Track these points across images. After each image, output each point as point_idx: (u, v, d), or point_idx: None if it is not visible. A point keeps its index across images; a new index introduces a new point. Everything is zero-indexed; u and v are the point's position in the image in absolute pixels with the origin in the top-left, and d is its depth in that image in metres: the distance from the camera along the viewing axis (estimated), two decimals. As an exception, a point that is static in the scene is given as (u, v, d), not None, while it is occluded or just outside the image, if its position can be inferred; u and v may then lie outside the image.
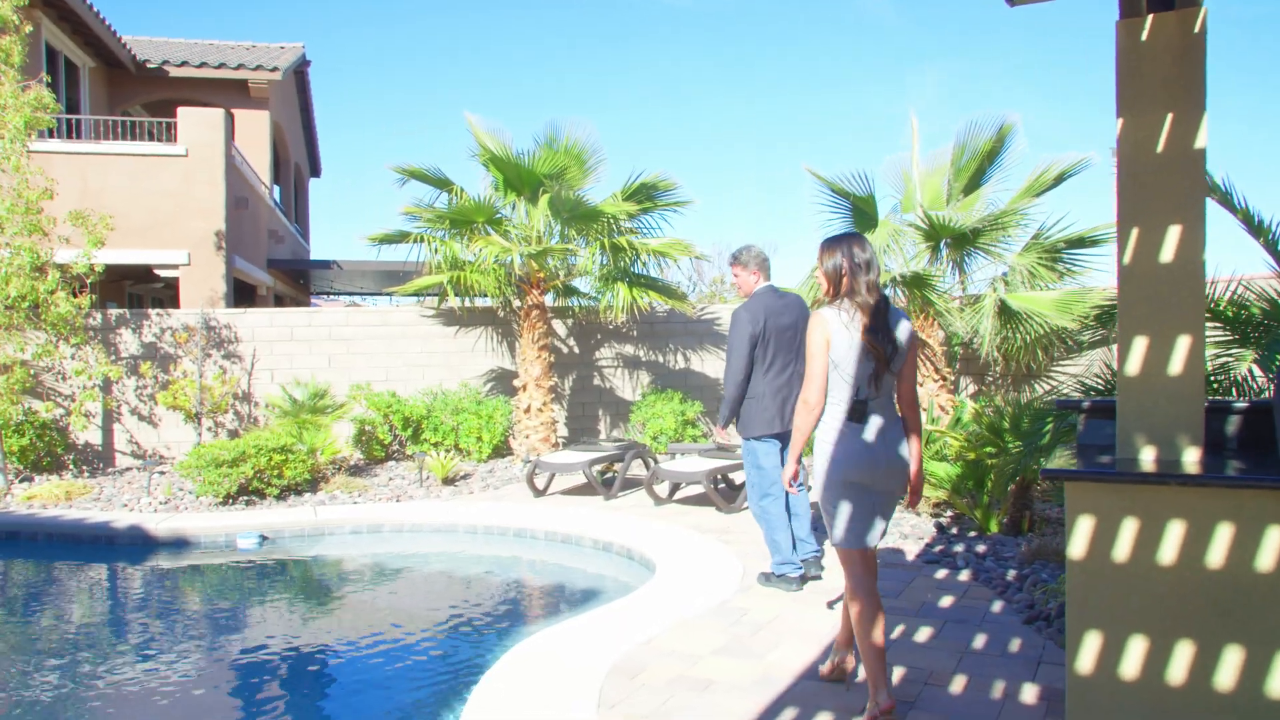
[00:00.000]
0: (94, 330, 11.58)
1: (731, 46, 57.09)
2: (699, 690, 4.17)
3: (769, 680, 4.27)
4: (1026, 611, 5.17)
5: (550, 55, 59.64)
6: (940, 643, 4.74)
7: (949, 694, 4.07)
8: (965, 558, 6.41)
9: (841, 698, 4.03)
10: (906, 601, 5.51)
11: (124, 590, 7.26)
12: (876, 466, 3.79)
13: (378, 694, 4.95)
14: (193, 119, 13.47)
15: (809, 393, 3.83)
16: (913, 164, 9.49)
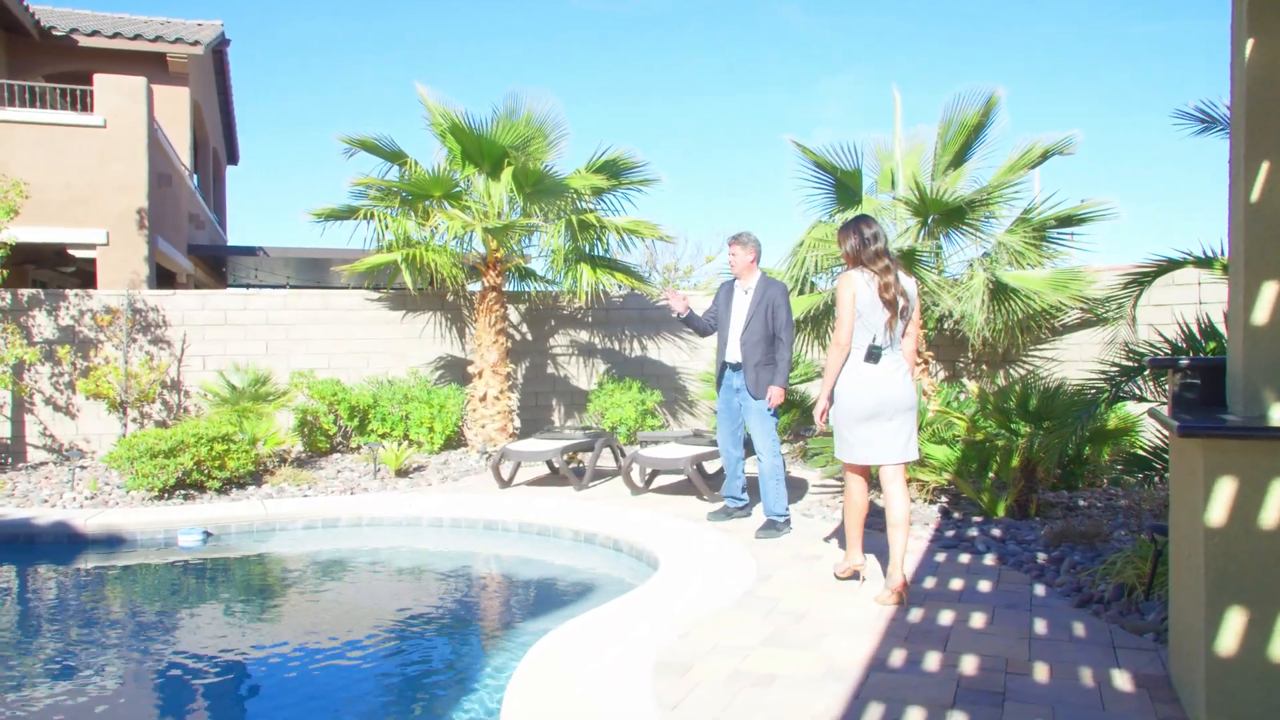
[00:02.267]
0: (3, 312, 10.59)
1: (644, 49, 56.85)
2: (764, 686, 3.72)
3: (836, 673, 3.84)
4: (1075, 595, 4.87)
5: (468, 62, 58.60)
6: (1000, 629, 4.38)
7: (1036, 683, 3.69)
8: (984, 541, 6.08)
9: (927, 690, 3.62)
10: (943, 586, 5.16)
11: (51, 593, 6.47)
12: (885, 399, 4.81)
13: (386, 707, 4.37)
14: (111, 86, 12.51)
15: (840, 336, 4.84)
16: (895, 140, 9.20)
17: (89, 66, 15.78)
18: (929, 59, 52.98)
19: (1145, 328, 8.50)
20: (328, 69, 56.21)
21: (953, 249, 9.35)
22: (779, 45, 54.91)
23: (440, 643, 5.30)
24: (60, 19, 16.54)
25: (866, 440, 4.83)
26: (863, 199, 8.82)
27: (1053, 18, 51.41)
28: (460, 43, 56.89)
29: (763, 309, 6.61)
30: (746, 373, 6.61)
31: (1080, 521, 6.18)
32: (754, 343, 6.59)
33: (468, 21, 56.93)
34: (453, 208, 10.19)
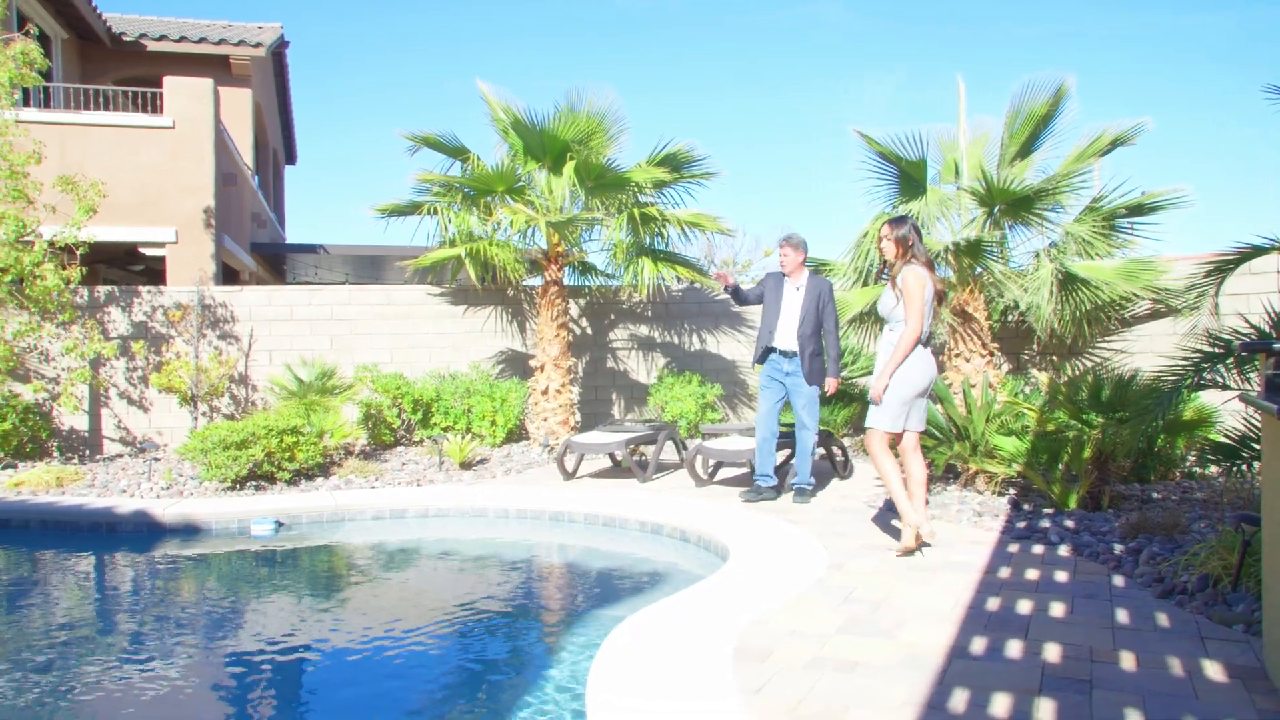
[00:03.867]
0: (80, 308, 10.88)
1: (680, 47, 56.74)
2: (845, 672, 3.71)
3: (917, 661, 3.82)
4: (1156, 586, 4.79)
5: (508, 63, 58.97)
6: (1081, 619, 4.32)
7: (1124, 671, 3.64)
8: (1057, 533, 6.01)
9: (1011, 677, 3.59)
10: (1018, 576, 5.11)
11: (135, 580, 6.64)
12: (932, 377, 5.61)
13: (469, 691, 4.44)
14: (180, 89, 12.78)
15: (915, 323, 5.41)
16: (959, 130, 9.09)
17: (156, 70, 16.14)
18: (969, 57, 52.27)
19: (1223, 317, 8.33)
20: (376, 69, 56.91)
21: (1017, 240, 9.23)
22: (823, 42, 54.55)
23: (516, 630, 5.35)
24: (130, 25, 16.94)
25: (909, 413, 5.54)
26: (927, 189, 8.72)
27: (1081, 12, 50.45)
28: (513, 40, 57.24)
29: (814, 304, 7.36)
30: (802, 361, 7.33)
31: (1157, 513, 6.07)
32: (808, 335, 7.32)
33: (521, 19, 57.27)
34: (515, 202, 10.26)
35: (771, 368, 7.52)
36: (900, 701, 3.40)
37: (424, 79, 57.67)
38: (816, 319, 7.34)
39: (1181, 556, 4.96)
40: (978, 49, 52.19)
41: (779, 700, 3.43)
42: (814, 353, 7.32)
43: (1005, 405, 7.46)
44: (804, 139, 54.71)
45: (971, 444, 7.48)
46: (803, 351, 7.30)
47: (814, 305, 7.34)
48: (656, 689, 3.54)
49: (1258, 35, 47.54)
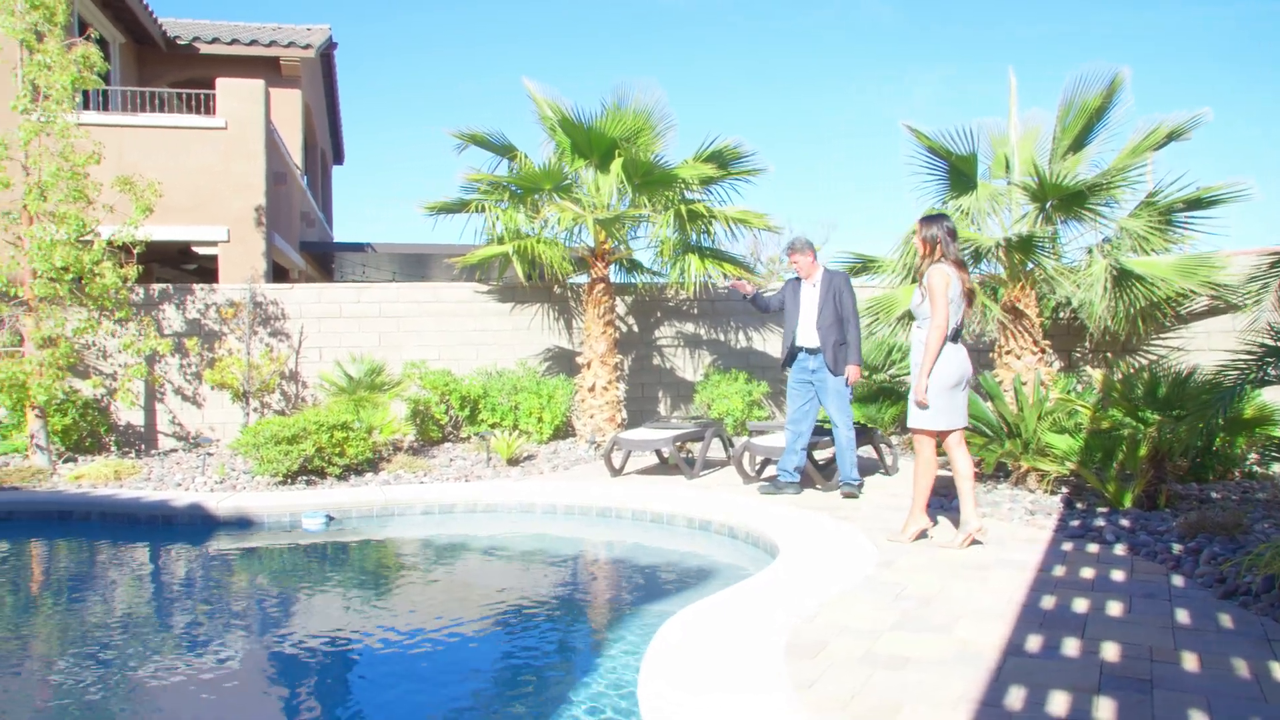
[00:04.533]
0: (136, 306, 11.09)
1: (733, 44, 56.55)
2: (897, 668, 3.68)
3: (970, 657, 3.78)
4: (1217, 586, 4.70)
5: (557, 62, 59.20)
6: (1140, 618, 4.25)
7: (1186, 672, 3.58)
8: (1112, 532, 5.91)
9: (1068, 675, 3.54)
10: (1073, 574, 5.04)
11: (191, 571, 6.75)
12: (967, 372, 5.59)
13: (521, 682, 4.46)
14: (232, 90, 12.97)
15: (941, 320, 5.44)
16: (1010, 125, 8.96)
17: (209, 72, 16.42)
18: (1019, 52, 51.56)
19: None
20: (419, 69, 57.41)
21: (1069, 235, 9.09)
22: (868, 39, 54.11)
23: (565, 624, 5.38)
24: (183, 29, 17.24)
25: (950, 408, 5.54)
26: (977, 184, 8.62)
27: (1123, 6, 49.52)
28: (557, 37, 57.46)
29: (831, 297, 7.45)
30: (825, 353, 7.42)
31: (1217, 513, 5.94)
32: (827, 327, 7.42)
33: (565, 16, 57.47)
34: (563, 200, 10.29)
35: (798, 369, 7.63)
36: (955, 698, 3.37)
37: (468, 78, 58.10)
38: (834, 310, 7.42)
39: (1245, 557, 4.85)
40: (1027, 43, 51.50)
41: (832, 695, 3.41)
42: (837, 342, 7.40)
43: (1057, 403, 7.35)
44: (851, 135, 54.33)
45: (1023, 442, 7.39)
46: (825, 343, 7.42)
47: (830, 296, 7.44)
48: (709, 682, 3.53)
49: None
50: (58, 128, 9.30)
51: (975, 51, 53.42)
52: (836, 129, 54.93)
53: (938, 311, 5.43)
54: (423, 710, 4.06)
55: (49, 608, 5.82)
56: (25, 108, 9.29)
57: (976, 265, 9.18)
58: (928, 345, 5.47)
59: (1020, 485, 7.51)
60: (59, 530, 7.72)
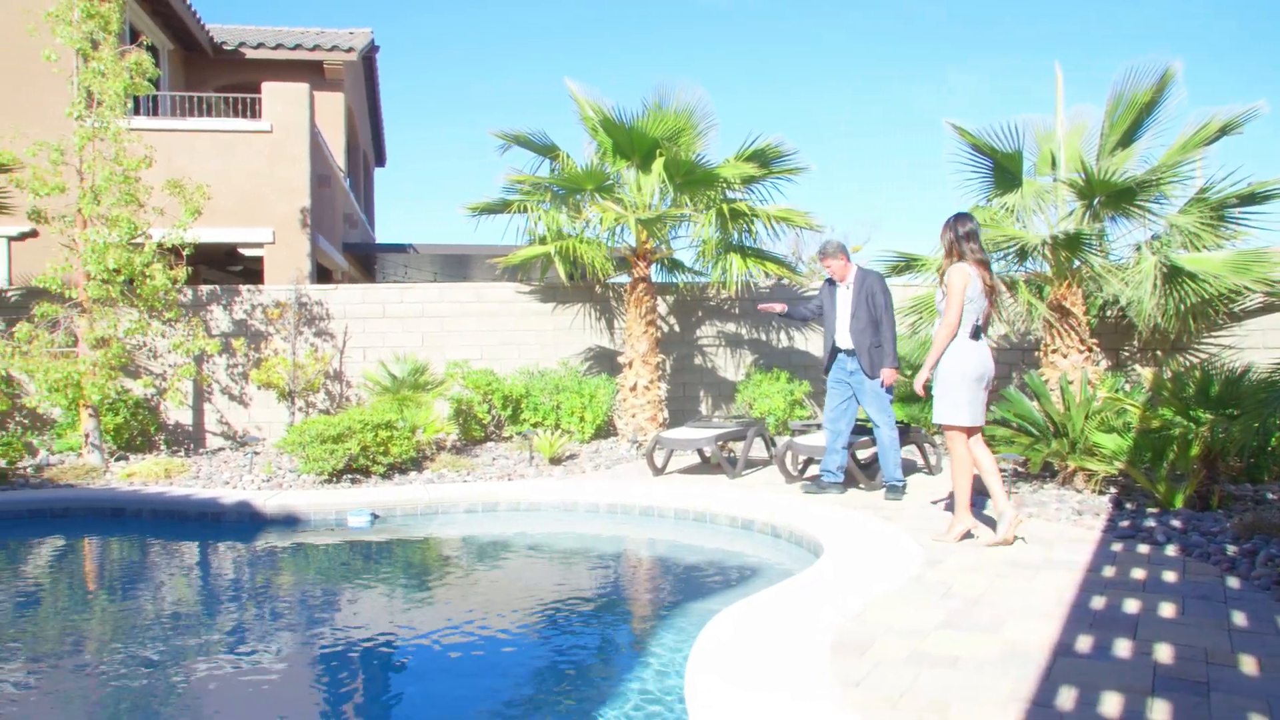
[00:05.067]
0: (185, 307, 11.29)
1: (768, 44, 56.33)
2: (946, 667, 3.65)
3: (1018, 657, 3.74)
4: (1276, 589, 4.62)
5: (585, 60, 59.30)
6: (1194, 620, 4.18)
7: (1245, 675, 3.52)
8: (1163, 532, 5.82)
9: (1121, 676, 3.49)
10: (1124, 575, 4.97)
11: (240, 567, 6.86)
12: (988, 369, 5.67)
13: (566, 679, 4.49)
14: (278, 94, 13.15)
15: (951, 318, 5.57)
16: (1057, 120, 8.85)
17: (255, 77, 16.68)
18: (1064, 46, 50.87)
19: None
20: (458, 72, 57.79)
21: (1117, 232, 8.96)
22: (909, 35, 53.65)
23: (610, 621, 5.40)
24: (230, 34, 17.51)
25: (973, 402, 5.62)
26: (1022, 182, 8.52)
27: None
28: (597, 37, 57.58)
29: (864, 298, 7.45)
30: (860, 356, 7.41)
31: (1273, 514, 5.84)
32: (861, 329, 7.42)
33: (605, 16, 57.58)
34: (604, 200, 10.32)
35: (837, 369, 7.66)
36: (1004, 697, 3.34)
37: (506, 79, 58.39)
38: (868, 311, 7.41)
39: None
40: (1072, 38, 50.80)
41: (879, 693, 3.39)
42: (872, 345, 7.40)
43: (1105, 401, 7.25)
44: (893, 133, 53.93)
45: (1070, 441, 7.30)
46: (859, 346, 7.42)
47: (863, 298, 7.44)
48: (755, 679, 3.53)
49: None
50: (111, 133, 9.51)
51: (1017, 48, 52.81)
52: (876, 126, 54.54)
53: (949, 309, 5.60)
54: (468, 703, 4.08)
55: (106, 602, 5.94)
56: (80, 114, 9.50)
57: (1022, 263, 9.08)
58: (935, 340, 5.69)
59: (1067, 485, 7.42)
60: (113, 527, 7.87)
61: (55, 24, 9.39)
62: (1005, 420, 7.92)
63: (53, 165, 9.44)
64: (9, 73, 12.34)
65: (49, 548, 7.52)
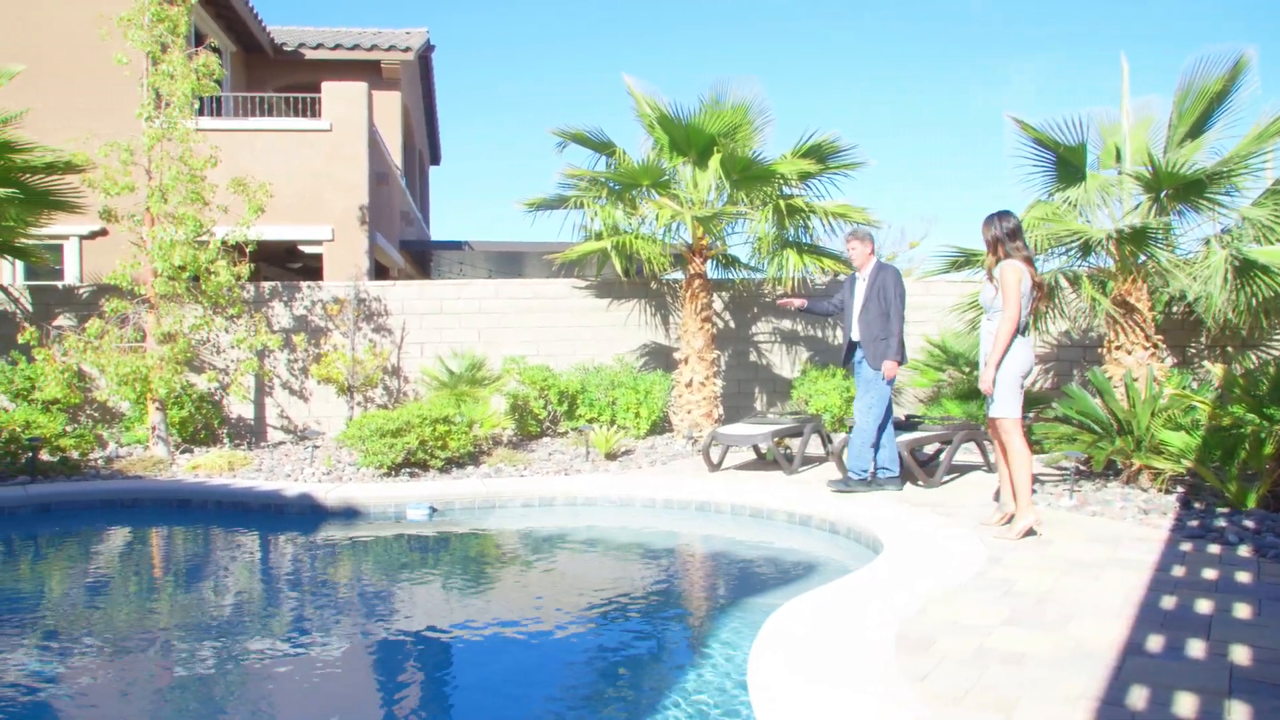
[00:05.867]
0: (247, 303, 11.50)
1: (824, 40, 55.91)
2: (1013, 664, 3.61)
3: (1087, 655, 3.68)
4: (1355, 590, 4.48)
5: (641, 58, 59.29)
6: (1271, 621, 4.08)
7: (1324, 677, 3.42)
8: (1235, 532, 5.69)
9: (1194, 677, 3.42)
10: (1194, 575, 4.86)
11: (304, 558, 6.98)
12: (1032, 364, 5.85)
13: (628, 672, 4.51)
14: (337, 93, 13.35)
15: (1013, 313, 5.65)
16: (1122, 112, 8.66)
17: (314, 77, 16.95)
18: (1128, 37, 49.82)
19: None
20: (512, 71, 58.16)
21: (1184, 226, 8.74)
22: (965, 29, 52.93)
23: (669, 615, 5.41)
24: (289, 36, 17.82)
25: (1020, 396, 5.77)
26: (1086, 175, 8.36)
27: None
28: (650, 33, 57.63)
29: (876, 290, 7.52)
30: (865, 345, 7.55)
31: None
32: (869, 321, 7.53)
33: (658, 11, 57.61)
34: (661, 196, 10.33)
35: (852, 360, 7.84)
36: (1074, 695, 3.29)
37: (558, 76, 58.65)
38: (879, 304, 7.49)
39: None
40: (1137, 29, 49.77)
41: (945, 689, 3.36)
42: (879, 337, 7.47)
43: (1172, 399, 7.10)
44: (951, 127, 53.26)
45: (1135, 439, 7.17)
46: (865, 337, 7.55)
47: (875, 291, 7.52)
48: (819, 672, 3.51)
49: None
50: (178, 133, 9.73)
51: (1077, 41, 51.84)
52: (933, 123, 53.88)
53: (1009, 304, 5.64)
54: (527, 693, 4.12)
55: (176, 590, 6.08)
56: (149, 115, 9.74)
57: (1085, 259, 8.92)
58: (998, 337, 5.69)
59: (1132, 484, 7.29)
60: (180, 517, 8.06)
61: (127, 28, 9.64)
62: (1067, 417, 7.79)
63: (123, 165, 9.69)
64: (81, 76, 12.68)
65: (120, 537, 7.73)
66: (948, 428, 8.21)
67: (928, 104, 54.02)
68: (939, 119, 53.07)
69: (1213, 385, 7.38)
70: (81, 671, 4.42)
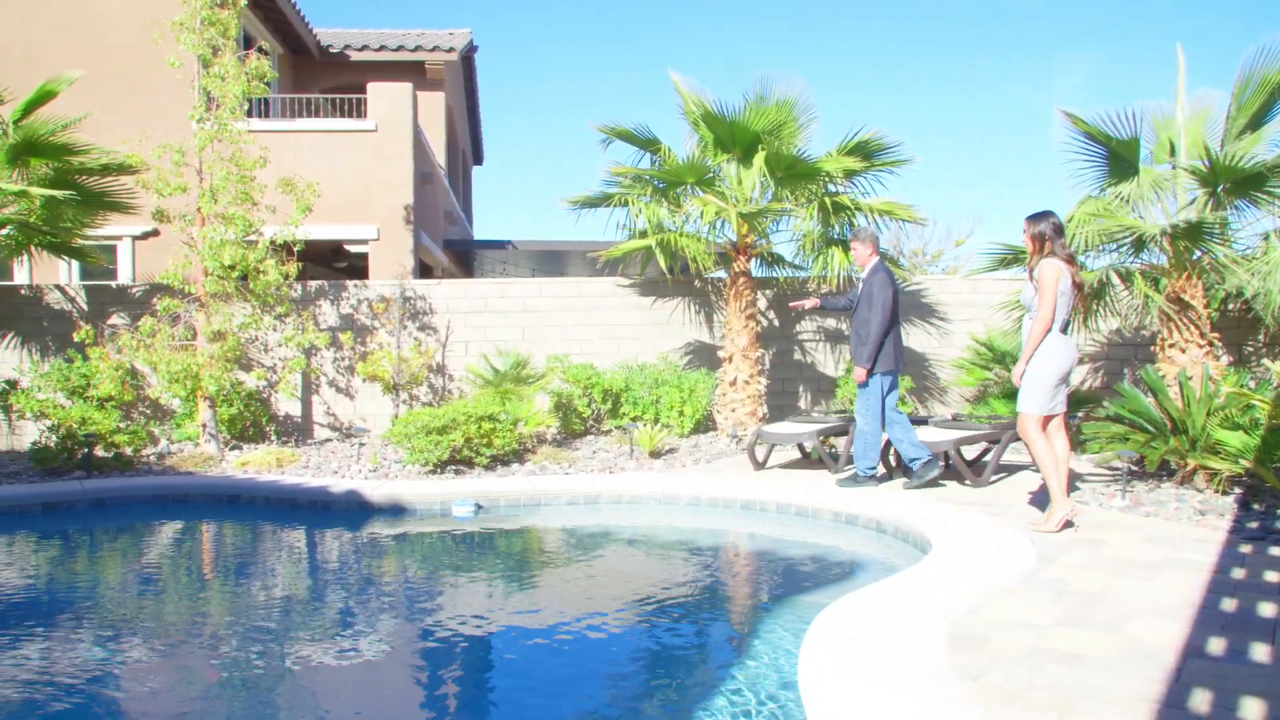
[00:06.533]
0: (295, 302, 11.64)
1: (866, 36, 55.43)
2: (1068, 664, 3.55)
3: (1145, 656, 3.62)
4: None
5: (696, 45, 59.18)
6: (1340, 623, 3.98)
7: (1395, 680, 3.33)
8: (1297, 533, 5.56)
9: (1260, 681, 3.35)
10: (1255, 577, 4.77)
11: (354, 555, 7.06)
12: (1073, 360, 5.84)
13: (677, 669, 4.51)
14: (382, 94, 13.48)
15: (1047, 312, 5.70)
16: (1177, 105, 8.50)
17: (359, 78, 17.11)
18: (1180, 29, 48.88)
19: None
20: (552, 71, 58.35)
21: (1242, 221, 8.56)
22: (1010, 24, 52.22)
23: (716, 612, 5.40)
24: (335, 38, 18.02)
25: (1055, 395, 5.82)
26: (1139, 170, 8.22)
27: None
28: (692, 29, 57.55)
29: (866, 293, 7.55)
30: (851, 348, 7.74)
31: None
32: (861, 322, 7.57)
33: (700, 8, 57.52)
34: (705, 194, 10.31)
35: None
36: (1132, 697, 3.23)
37: (599, 77, 58.75)
38: (866, 307, 7.52)
39: None
40: (1186, 23, 48.85)
41: (1000, 688, 3.32)
42: (862, 340, 7.54)
43: (1229, 397, 6.95)
44: (996, 123, 52.62)
45: (1190, 439, 7.02)
46: (852, 339, 7.70)
47: (866, 292, 7.55)
48: (871, 670, 3.48)
49: None
50: (228, 135, 9.87)
51: (1122, 37, 50.97)
52: (980, 117, 53.23)
53: (1044, 303, 5.71)
54: (573, 690, 4.12)
55: (227, 583, 6.17)
56: (200, 117, 9.90)
57: (1137, 255, 8.76)
58: (1030, 334, 5.78)
59: (1186, 484, 7.15)
60: (230, 513, 8.17)
61: (179, 32, 9.81)
62: (1119, 416, 7.66)
63: (175, 166, 9.86)
64: (136, 80, 12.92)
65: (173, 531, 7.86)
66: (995, 426, 8.10)
67: (972, 100, 53.39)
68: (984, 115, 52.43)
69: (1272, 384, 7.22)
70: (140, 660, 4.51)
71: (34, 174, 10.22)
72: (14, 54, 13.01)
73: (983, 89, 52.65)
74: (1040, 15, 50.94)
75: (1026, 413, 5.85)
